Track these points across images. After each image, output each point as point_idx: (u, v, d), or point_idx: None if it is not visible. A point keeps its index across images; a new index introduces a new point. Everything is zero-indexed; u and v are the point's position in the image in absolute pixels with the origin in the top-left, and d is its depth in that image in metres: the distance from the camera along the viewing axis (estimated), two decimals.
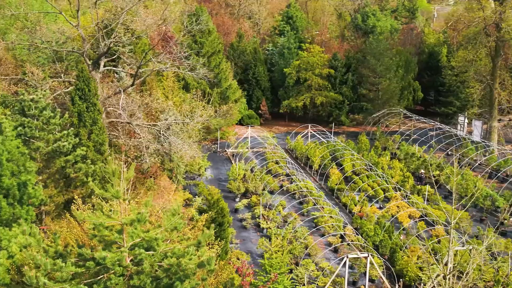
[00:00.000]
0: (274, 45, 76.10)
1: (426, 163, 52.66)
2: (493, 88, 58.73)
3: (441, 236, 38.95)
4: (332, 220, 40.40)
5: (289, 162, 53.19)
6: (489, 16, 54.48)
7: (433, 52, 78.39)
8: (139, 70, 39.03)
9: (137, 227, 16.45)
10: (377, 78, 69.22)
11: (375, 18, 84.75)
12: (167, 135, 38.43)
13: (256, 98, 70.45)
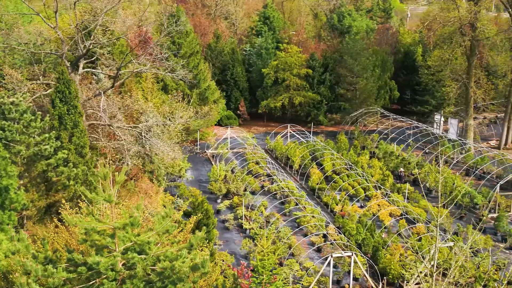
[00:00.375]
0: (251, 46, 76.12)
1: (405, 161, 53.23)
2: (468, 86, 59.60)
3: (422, 234, 39.39)
4: (315, 219, 40.56)
5: (269, 162, 53.27)
6: (464, 16, 55.25)
7: (409, 52, 79.33)
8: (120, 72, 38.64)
9: (129, 231, 16.29)
10: (354, 78, 69.72)
11: (351, 18, 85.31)
12: (148, 137, 38.12)
13: (235, 99, 70.40)
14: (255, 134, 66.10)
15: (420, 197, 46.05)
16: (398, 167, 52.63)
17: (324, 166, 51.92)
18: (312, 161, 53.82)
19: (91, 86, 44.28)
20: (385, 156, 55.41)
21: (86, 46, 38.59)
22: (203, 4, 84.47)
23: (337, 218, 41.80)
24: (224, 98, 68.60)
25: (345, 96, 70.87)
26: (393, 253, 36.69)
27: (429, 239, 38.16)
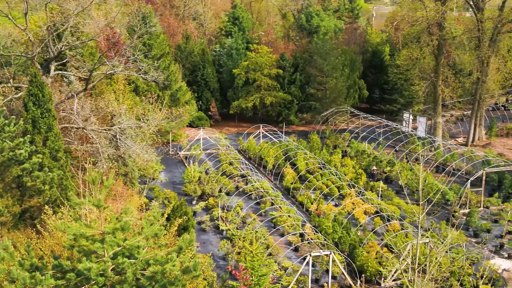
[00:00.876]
0: (221, 46, 76.01)
1: (377, 159, 53.90)
2: (436, 85, 60.66)
3: (397, 231, 39.93)
4: (291, 219, 40.74)
5: (243, 162, 53.29)
6: (432, 15, 56.20)
7: (377, 51, 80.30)
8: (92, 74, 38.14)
9: (117, 235, 16.12)
10: (324, 78, 70.27)
11: (319, 18, 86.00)
12: (123, 139, 37.73)
13: (206, 100, 70.20)
14: (227, 134, 66.07)
15: (393, 195, 46.72)
16: (370, 166, 53.27)
17: (298, 165, 52.19)
18: (285, 161, 54.08)
19: (62, 89, 43.61)
20: (357, 155, 56.02)
21: (59, 48, 37.93)
22: (171, 4, 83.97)
23: (313, 217, 42.07)
24: (195, 99, 68.34)
25: (315, 95, 71.36)
26: (369, 250, 37.14)
27: (405, 236, 38.79)
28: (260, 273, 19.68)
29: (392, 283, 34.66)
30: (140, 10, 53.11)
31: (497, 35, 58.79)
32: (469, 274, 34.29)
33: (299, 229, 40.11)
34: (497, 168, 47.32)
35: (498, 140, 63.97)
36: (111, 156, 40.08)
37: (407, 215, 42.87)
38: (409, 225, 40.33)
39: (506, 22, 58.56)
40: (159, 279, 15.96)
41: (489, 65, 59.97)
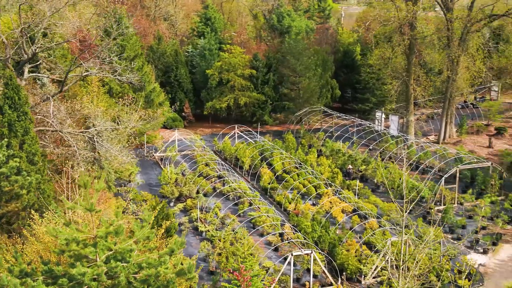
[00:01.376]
0: (193, 47, 75.71)
1: (352, 158, 54.39)
2: (408, 84, 61.55)
3: (375, 229, 40.40)
4: (270, 219, 40.85)
5: (219, 163, 53.22)
6: (403, 15, 56.98)
7: (348, 51, 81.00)
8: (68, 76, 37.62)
9: (109, 239, 15.96)
10: (297, 77, 70.61)
11: (290, 18, 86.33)
12: (100, 141, 37.30)
13: (179, 101, 69.84)
14: (201, 135, 65.82)
15: (369, 193, 47.22)
16: (346, 164, 53.74)
17: (274, 165, 52.33)
18: (262, 161, 54.19)
19: (35, 91, 42.94)
20: (332, 154, 56.46)
21: (33, 50, 37.30)
22: (142, 5, 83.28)
23: (291, 216, 42.24)
24: (169, 100, 67.93)
25: (288, 95, 71.65)
26: (349, 249, 37.51)
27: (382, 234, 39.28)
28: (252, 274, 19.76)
29: (372, 280, 35.06)
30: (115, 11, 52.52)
31: (466, 35, 59.92)
32: (447, 269, 34.89)
33: (278, 229, 40.26)
34: (470, 165, 48.22)
35: (468, 138, 65.20)
36: (87, 159, 39.59)
37: (384, 212, 43.38)
38: (387, 223, 40.82)
39: (474, 22, 59.80)
40: (153, 282, 15.85)
41: (459, 64, 61.08)
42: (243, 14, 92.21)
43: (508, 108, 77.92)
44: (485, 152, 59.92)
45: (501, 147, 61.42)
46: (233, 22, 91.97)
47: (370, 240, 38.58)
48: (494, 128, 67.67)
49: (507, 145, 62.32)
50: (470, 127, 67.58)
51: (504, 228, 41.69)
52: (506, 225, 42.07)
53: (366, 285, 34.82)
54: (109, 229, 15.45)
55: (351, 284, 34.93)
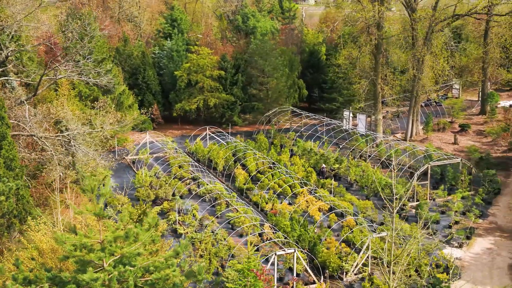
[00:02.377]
0: (160, 48, 75.17)
1: (324, 157, 54.96)
2: (376, 83, 62.56)
3: (352, 226, 40.99)
4: (249, 220, 40.93)
5: (193, 165, 53.02)
6: (371, 15, 57.87)
7: (314, 51, 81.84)
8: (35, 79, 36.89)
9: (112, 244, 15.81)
10: (265, 78, 70.95)
11: (255, 19, 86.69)
12: (77, 145, 36.72)
13: (148, 103, 69.22)
14: (171, 137, 65.43)
15: (344, 191, 47.83)
16: (319, 164, 54.26)
17: (249, 166, 52.46)
18: (235, 162, 54.23)
19: (5, 95, 41.93)
20: (304, 153, 56.91)
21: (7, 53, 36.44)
22: (105, 6, 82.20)
23: (269, 216, 42.44)
24: (137, 103, 67.27)
25: (257, 96, 71.92)
26: (329, 247, 37.96)
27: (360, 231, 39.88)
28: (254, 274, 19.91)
29: (354, 277, 35.56)
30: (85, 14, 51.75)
31: (431, 34, 61.29)
32: (425, 264, 35.67)
33: (258, 229, 40.39)
34: (440, 162, 49.37)
35: (434, 135, 66.70)
36: (64, 163, 38.94)
37: (360, 210, 44.02)
38: (364, 220, 41.44)
39: (438, 22, 61.26)
40: (162, 285, 15.79)
41: (424, 63, 62.41)
42: (208, 15, 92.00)
43: (469, 106, 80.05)
44: (451, 148, 61.41)
45: (466, 144, 63.09)
46: (197, 23, 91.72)
47: (348, 238, 39.12)
48: (458, 125, 69.41)
49: (472, 142, 64.04)
50: (435, 125, 69.08)
51: (476, 222, 42.85)
52: (478, 219, 43.25)
53: (348, 282, 35.30)
54: (118, 233, 15.29)
55: (333, 281, 35.33)
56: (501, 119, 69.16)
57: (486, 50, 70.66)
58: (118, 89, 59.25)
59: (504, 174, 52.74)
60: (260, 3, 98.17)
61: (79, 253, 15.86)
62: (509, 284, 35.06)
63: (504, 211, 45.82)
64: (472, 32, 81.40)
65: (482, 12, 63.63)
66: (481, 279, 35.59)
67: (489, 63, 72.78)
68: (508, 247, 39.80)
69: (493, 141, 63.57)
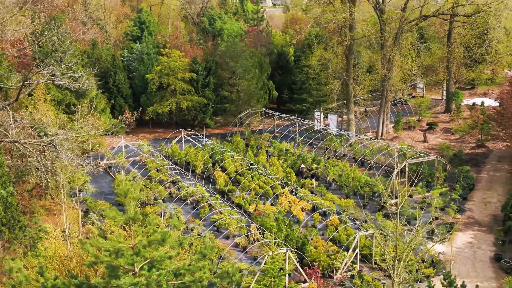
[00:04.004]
0: (129, 51, 74.37)
1: (301, 158, 55.44)
2: (348, 83, 63.51)
3: (336, 225, 41.59)
4: (235, 222, 41.01)
5: (171, 168, 52.72)
6: (345, 17, 58.74)
7: (282, 53, 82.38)
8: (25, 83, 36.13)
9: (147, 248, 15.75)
10: (237, 80, 71.06)
11: (221, 21, 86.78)
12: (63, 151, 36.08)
13: (119, 107, 68.41)
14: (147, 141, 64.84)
15: (325, 191, 48.41)
16: (296, 164, 54.72)
17: (228, 168, 52.50)
18: (214, 165, 54.18)
19: None
20: (281, 154, 57.28)
21: None
22: (70, 9, 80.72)
23: (254, 217, 42.64)
24: (108, 106, 66.38)
25: (229, 98, 71.95)
26: (316, 245, 38.43)
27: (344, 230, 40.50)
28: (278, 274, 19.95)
29: (344, 274, 36.08)
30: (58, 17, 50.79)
31: (400, 35, 62.63)
32: (412, 259, 36.47)
33: (244, 230, 40.53)
34: (417, 160, 50.52)
35: (403, 133, 68.15)
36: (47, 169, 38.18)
37: (342, 208, 44.65)
38: (348, 219, 42.10)
39: (407, 22, 62.70)
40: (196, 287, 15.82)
41: (394, 63, 63.71)
42: (176, 18, 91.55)
43: (434, 104, 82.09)
44: (421, 146, 62.84)
45: (435, 141, 64.75)
46: (164, 25, 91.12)
47: (335, 236, 39.67)
48: (426, 124, 71.11)
49: (440, 139, 65.75)
50: (404, 123, 70.58)
51: (455, 217, 44.06)
52: (457, 215, 44.48)
53: (338, 279, 35.80)
54: (155, 237, 15.21)
55: (323, 279, 35.76)
56: (467, 117, 71.25)
57: (450, 50, 72.63)
58: (91, 93, 58.32)
59: (475, 170, 54.32)
60: (225, 5, 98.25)
61: (107, 258, 15.73)
62: (492, 276, 36.28)
63: (480, 206, 47.26)
64: (436, 33, 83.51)
65: (448, 13, 65.49)
66: (466, 272, 36.62)
67: (453, 63, 74.82)
68: (487, 241, 41.10)
69: (460, 138, 65.41)
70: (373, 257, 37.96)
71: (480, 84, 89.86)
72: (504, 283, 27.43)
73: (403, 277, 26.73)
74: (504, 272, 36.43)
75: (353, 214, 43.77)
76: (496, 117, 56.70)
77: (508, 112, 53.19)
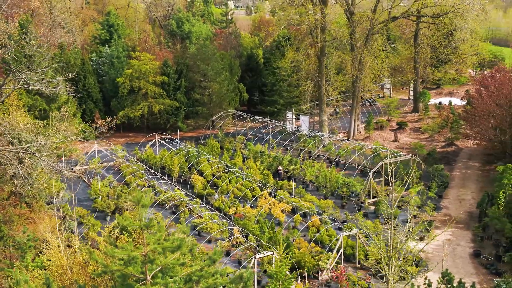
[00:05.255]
0: (98, 55, 73.24)
1: (277, 159, 55.54)
2: (321, 84, 63.98)
3: (317, 226, 41.80)
4: (217, 225, 40.79)
5: (147, 173, 52.12)
6: (313, 20, 59.18)
7: (251, 55, 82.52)
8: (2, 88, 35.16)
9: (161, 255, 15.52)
10: (208, 82, 70.78)
11: (189, 23, 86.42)
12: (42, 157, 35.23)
13: (89, 111, 67.29)
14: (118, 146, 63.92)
15: (304, 192, 48.60)
16: (273, 166, 54.80)
17: (205, 171, 52.21)
18: (190, 168, 53.80)
19: None
20: (256, 156, 57.27)
21: None
22: (35, 13, 78.99)
23: (235, 220, 42.52)
24: (80, 111, 65.25)
25: (200, 100, 71.61)
26: (300, 247, 38.53)
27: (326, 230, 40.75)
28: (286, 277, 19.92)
29: (330, 275, 36.28)
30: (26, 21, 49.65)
31: (371, 36, 63.46)
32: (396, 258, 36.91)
33: (226, 234, 40.35)
34: (394, 159, 51.16)
35: (374, 133, 69.05)
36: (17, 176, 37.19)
37: (321, 209, 44.90)
38: (328, 220, 42.37)
39: (377, 24, 63.58)
40: None
41: (365, 64, 64.50)
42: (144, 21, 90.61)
43: (402, 104, 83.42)
44: (392, 146, 63.75)
45: (405, 141, 65.81)
46: (131, 28, 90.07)
47: (317, 237, 39.87)
48: (396, 123, 72.19)
49: (410, 139, 66.84)
50: (375, 123, 71.52)
51: (432, 215, 44.80)
52: (434, 213, 45.25)
53: (324, 280, 35.96)
54: (169, 244, 14.97)
55: (309, 281, 35.91)
56: (435, 116, 72.66)
57: (417, 50, 73.96)
58: (61, 98, 57.22)
59: (447, 168, 55.37)
60: (193, 7, 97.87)
61: (118, 267, 15.45)
62: (473, 272, 37.04)
63: (455, 203, 48.21)
64: (402, 34, 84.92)
65: (417, 15, 66.69)
66: (448, 269, 37.21)
67: (420, 63, 76.21)
68: (466, 237, 41.95)
69: (430, 137, 66.65)
70: (356, 257, 38.36)
71: (445, 83, 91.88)
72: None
73: (397, 276, 27.02)
74: (484, 268, 37.29)
75: (333, 214, 44.07)
76: (467, 116, 57.92)
77: (478, 111, 54.42)
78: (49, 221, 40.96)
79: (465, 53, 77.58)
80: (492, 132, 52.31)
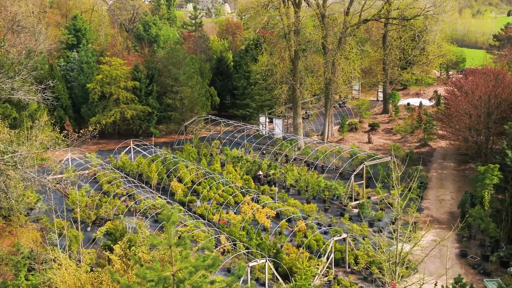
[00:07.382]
0: (66, 60, 71.37)
1: (255, 164, 55.12)
2: (296, 87, 63.87)
3: (304, 230, 41.58)
4: (205, 234, 40.12)
5: (125, 181, 50.94)
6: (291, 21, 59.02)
7: (221, 58, 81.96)
8: None
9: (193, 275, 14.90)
10: (180, 87, 69.86)
11: (156, 27, 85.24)
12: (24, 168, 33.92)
13: (59, 118, 65.46)
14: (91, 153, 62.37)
15: (286, 196, 48.31)
16: (252, 171, 54.34)
17: (185, 178, 51.37)
18: (169, 175, 52.86)
19: None
20: (234, 161, 56.73)
21: None
22: None
23: (220, 227, 41.91)
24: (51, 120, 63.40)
25: (172, 105, 70.63)
26: (288, 252, 38.22)
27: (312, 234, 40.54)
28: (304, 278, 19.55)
29: (324, 279, 36.10)
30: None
31: (345, 38, 63.72)
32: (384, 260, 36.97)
33: (213, 241, 39.66)
34: (374, 161, 51.42)
35: (348, 135, 69.37)
36: None
37: (306, 213, 44.70)
38: (314, 224, 42.19)
39: (349, 26, 63.90)
40: None
41: (338, 66, 64.71)
42: (110, 25, 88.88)
43: (371, 106, 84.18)
44: (366, 147, 64.14)
45: (379, 142, 66.33)
46: (96, 33, 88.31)
47: (305, 242, 39.61)
48: (368, 125, 72.73)
49: (383, 140, 67.43)
50: (348, 125, 71.86)
51: (417, 216, 45.14)
52: (417, 214, 45.59)
53: (315, 285, 35.70)
54: (205, 263, 14.35)
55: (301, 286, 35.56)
56: (405, 117, 73.55)
57: (386, 52, 74.74)
58: (32, 105, 55.45)
59: (424, 169, 55.93)
60: (159, 11, 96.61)
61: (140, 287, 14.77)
62: (461, 272, 37.40)
63: (435, 204, 48.71)
64: (370, 36, 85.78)
65: (388, 17, 67.31)
66: (436, 270, 37.59)
67: (389, 65, 77.05)
68: (450, 238, 42.32)
69: (402, 138, 67.36)
70: (346, 261, 38.28)
71: (411, 84, 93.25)
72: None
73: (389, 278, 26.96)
74: (472, 268, 37.72)
75: (318, 218, 43.92)
76: (441, 116, 58.66)
77: (452, 112, 55.15)
78: (29, 234, 39.70)
79: (432, 55, 78.85)
80: (468, 132, 53.06)
